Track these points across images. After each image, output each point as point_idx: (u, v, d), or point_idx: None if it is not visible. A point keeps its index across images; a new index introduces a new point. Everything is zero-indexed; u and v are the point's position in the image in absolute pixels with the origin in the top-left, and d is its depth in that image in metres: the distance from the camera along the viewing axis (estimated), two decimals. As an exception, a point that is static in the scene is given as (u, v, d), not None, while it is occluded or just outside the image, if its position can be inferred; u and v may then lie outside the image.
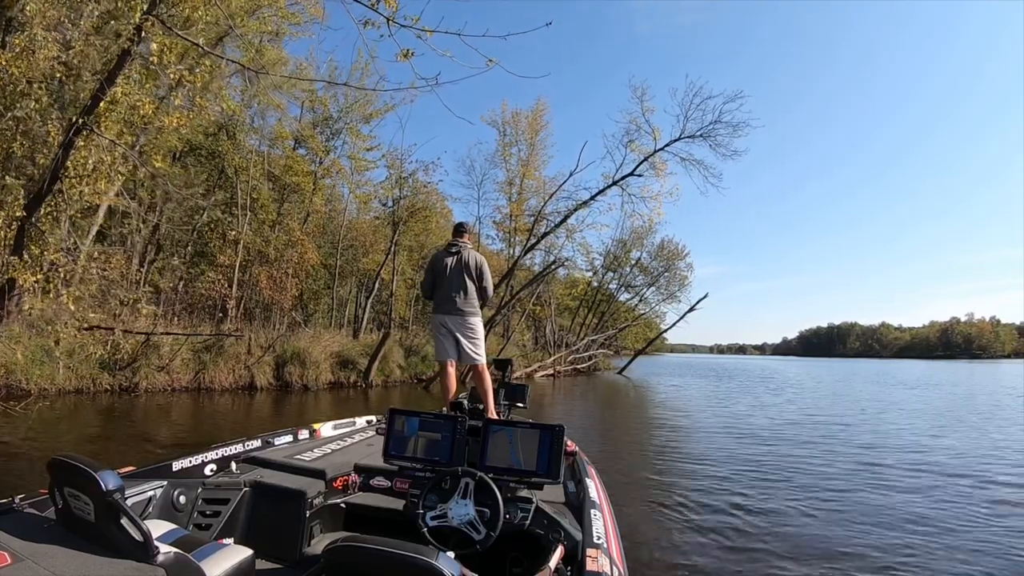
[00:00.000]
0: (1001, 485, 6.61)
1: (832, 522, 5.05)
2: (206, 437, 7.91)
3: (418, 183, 22.54)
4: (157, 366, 12.78)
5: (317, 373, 14.74)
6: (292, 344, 14.91)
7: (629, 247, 35.90)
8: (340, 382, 15.58)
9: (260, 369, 13.94)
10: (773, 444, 9.18)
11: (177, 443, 7.75)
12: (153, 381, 12.63)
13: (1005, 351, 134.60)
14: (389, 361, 16.95)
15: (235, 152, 17.78)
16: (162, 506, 2.42)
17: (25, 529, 1.63)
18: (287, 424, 3.71)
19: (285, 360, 14.45)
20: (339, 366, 15.71)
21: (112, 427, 9.19)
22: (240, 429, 9.22)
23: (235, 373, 13.68)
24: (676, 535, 4.56)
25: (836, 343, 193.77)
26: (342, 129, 22.13)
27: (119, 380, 12.32)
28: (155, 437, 8.36)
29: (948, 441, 9.80)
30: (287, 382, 14.33)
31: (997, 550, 4.46)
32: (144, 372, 12.53)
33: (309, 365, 14.55)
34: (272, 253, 17.70)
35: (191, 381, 13.23)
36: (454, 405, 3.52)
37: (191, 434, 8.72)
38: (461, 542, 2.17)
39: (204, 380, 13.29)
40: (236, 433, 5.28)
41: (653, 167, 18.96)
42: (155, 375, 12.70)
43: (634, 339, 46.37)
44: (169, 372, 12.94)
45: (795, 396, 18.79)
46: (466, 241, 4.78)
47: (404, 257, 25.74)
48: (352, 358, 16.05)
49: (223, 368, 13.51)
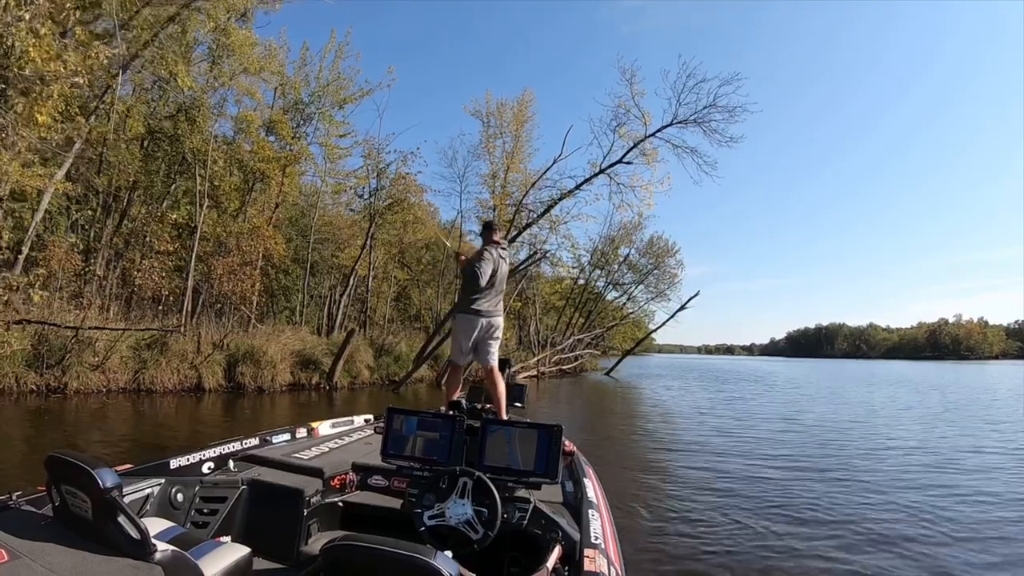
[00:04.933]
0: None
1: (833, 523, 4.95)
2: (146, 445, 7.43)
3: (397, 175, 21.42)
4: (91, 364, 11.52)
5: (273, 374, 13.47)
6: (246, 342, 13.63)
7: (617, 243, 34.93)
8: (301, 384, 14.34)
9: (209, 369, 12.67)
10: (773, 447, 8.89)
11: (115, 452, 6.85)
12: (86, 381, 11.37)
13: (992, 352, 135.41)
14: (356, 361, 15.73)
15: (194, 135, 16.46)
16: (159, 504, 2.39)
17: (22, 526, 1.61)
18: (237, 430, 3.58)
19: (237, 359, 13.18)
20: (300, 366, 14.47)
21: (38, 433, 8.19)
22: (184, 436, 8.28)
23: (180, 373, 12.41)
24: (673, 536, 4.52)
25: (824, 344, 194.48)
26: (314, 115, 20.92)
27: (47, 379, 11.07)
28: (87, 446, 7.25)
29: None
30: (239, 383, 13.05)
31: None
32: (76, 371, 11.27)
33: (264, 365, 13.27)
34: (232, 243, 16.39)
35: (130, 381, 11.97)
36: (452, 404, 3.43)
37: (128, 441, 7.73)
38: (459, 542, 2.15)
39: (144, 380, 12.02)
40: (178, 440, 5.23)
41: (643, 154, 17.68)
42: (88, 374, 11.44)
43: (622, 339, 45.36)
44: (105, 371, 11.69)
45: (791, 398, 17.84)
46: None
47: (382, 252, 24.61)
48: (315, 358, 14.81)
49: (166, 368, 12.23)
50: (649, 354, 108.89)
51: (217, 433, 9.11)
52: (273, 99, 21.18)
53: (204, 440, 3.22)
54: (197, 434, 8.82)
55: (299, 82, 20.77)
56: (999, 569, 4.04)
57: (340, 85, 21.05)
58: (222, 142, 18.96)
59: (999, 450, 8.96)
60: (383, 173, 21.73)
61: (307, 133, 21.32)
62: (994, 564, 4.11)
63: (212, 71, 17.58)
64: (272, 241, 17.65)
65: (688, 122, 16.75)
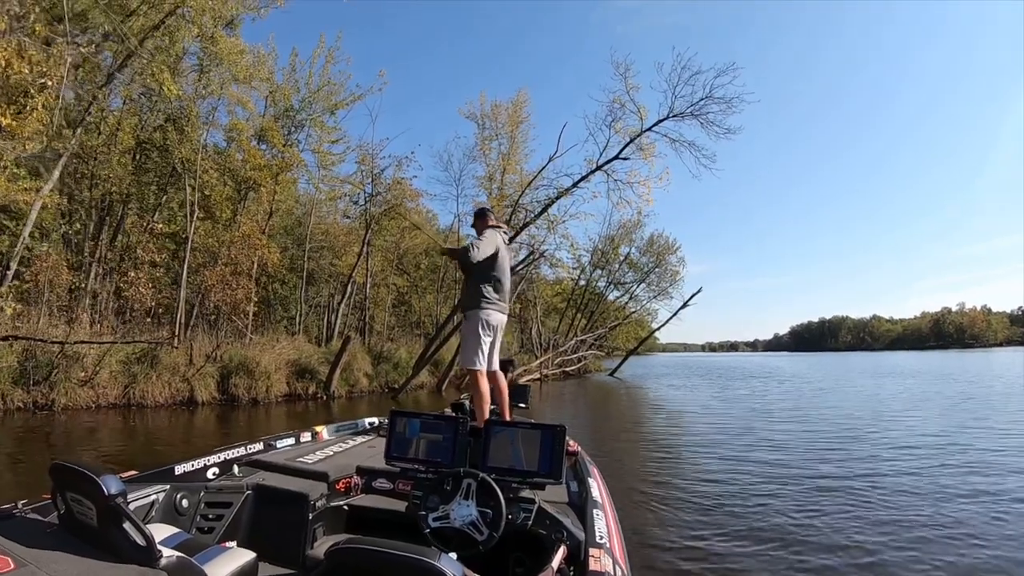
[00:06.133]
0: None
1: (840, 524, 4.75)
2: (140, 463, 6.82)
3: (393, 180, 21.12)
4: (79, 380, 11.21)
5: (268, 384, 13.11)
6: (239, 353, 13.30)
7: (617, 242, 34.61)
8: (297, 394, 13.98)
9: (201, 381, 12.33)
10: (784, 444, 8.55)
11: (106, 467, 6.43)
12: (74, 397, 11.06)
13: (997, 339, 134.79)
14: (354, 370, 15.37)
15: (183, 145, 16.18)
16: (165, 510, 2.39)
17: (28, 534, 1.60)
18: (231, 443, 3.23)
19: (231, 371, 12.84)
20: (296, 376, 14.11)
21: (25, 451, 7.84)
22: (178, 452, 7.86)
23: (172, 387, 12.07)
24: (680, 536, 4.42)
25: (828, 337, 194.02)
26: (305, 121, 20.64)
27: (34, 396, 10.77)
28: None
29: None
30: (233, 396, 12.70)
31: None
32: (63, 387, 10.96)
33: (259, 376, 12.92)
34: (224, 254, 16.09)
35: (120, 396, 11.64)
36: (455, 406, 3.41)
37: (119, 459, 7.39)
38: (464, 543, 2.14)
39: (135, 395, 11.69)
40: (171, 456, 5.00)
41: (640, 149, 17.30)
42: (77, 390, 11.13)
43: (625, 338, 44.99)
44: (94, 386, 11.37)
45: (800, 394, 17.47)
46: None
47: (379, 259, 24.32)
48: (311, 367, 14.45)
49: (157, 381, 11.90)
50: (653, 353, 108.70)
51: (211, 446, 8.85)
52: (265, 108, 20.98)
53: (197, 452, 3.06)
54: (191, 448, 8.54)
55: (289, 89, 20.49)
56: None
57: (331, 90, 20.77)
58: (212, 151, 18.75)
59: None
60: (377, 178, 21.42)
61: (299, 140, 21.07)
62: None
63: (201, 80, 17.35)
64: (266, 250, 17.37)
65: (685, 115, 16.41)
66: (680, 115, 16.44)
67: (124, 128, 16.36)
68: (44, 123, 11.93)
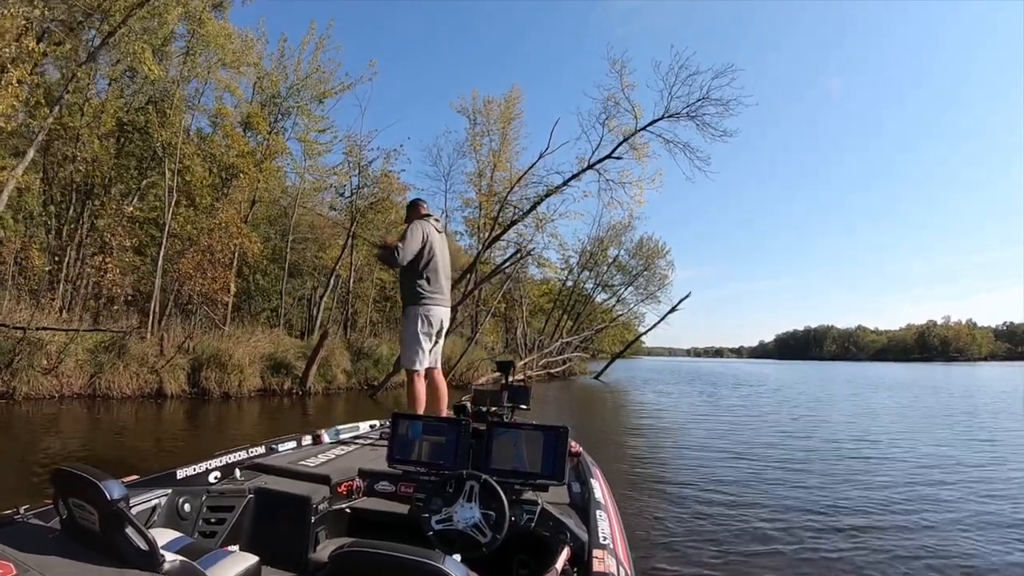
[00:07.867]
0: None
1: (842, 525, 4.80)
2: (105, 458, 6.53)
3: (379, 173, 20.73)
4: (42, 368, 10.78)
5: (241, 379, 12.70)
6: (212, 344, 12.89)
7: (606, 244, 34.42)
8: (272, 389, 13.57)
9: (171, 373, 11.92)
10: (777, 447, 8.73)
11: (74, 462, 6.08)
12: (36, 386, 10.64)
13: (981, 354, 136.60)
14: (332, 365, 15.00)
15: (164, 128, 15.71)
16: (167, 514, 2.37)
17: (29, 540, 1.59)
18: (200, 439, 3.55)
19: (202, 363, 12.44)
20: (271, 370, 13.72)
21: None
22: (147, 447, 7.46)
23: (140, 378, 11.64)
24: (683, 536, 4.43)
25: (813, 346, 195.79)
26: (292, 108, 20.21)
27: (-6, 385, 10.34)
28: (43, 457, 6.50)
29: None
30: (204, 389, 12.27)
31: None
32: (26, 374, 10.53)
33: (231, 369, 12.52)
34: (203, 241, 15.65)
35: (85, 386, 11.20)
36: (457, 408, 3.45)
37: (84, 451, 6.93)
38: (467, 545, 2.12)
39: (101, 386, 11.26)
40: (140, 451, 5.23)
41: (633, 149, 17.08)
42: (40, 379, 10.70)
43: (611, 341, 44.77)
44: (58, 375, 10.94)
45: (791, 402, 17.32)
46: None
47: (365, 252, 23.91)
48: (288, 361, 14.06)
49: (125, 372, 11.48)
50: (638, 357, 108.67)
51: (179, 442, 8.46)
52: (252, 93, 20.53)
53: (166, 451, 3.37)
54: (159, 443, 8.18)
55: (276, 75, 20.06)
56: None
57: (320, 78, 20.35)
58: (196, 136, 18.28)
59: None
60: (364, 170, 21.02)
61: (285, 128, 20.65)
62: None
63: (186, 63, 16.88)
64: (247, 239, 16.93)
65: (680, 115, 16.22)
66: (676, 115, 16.26)
67: (108, 110, 15.88)
68: (19, 98, 11.54)
